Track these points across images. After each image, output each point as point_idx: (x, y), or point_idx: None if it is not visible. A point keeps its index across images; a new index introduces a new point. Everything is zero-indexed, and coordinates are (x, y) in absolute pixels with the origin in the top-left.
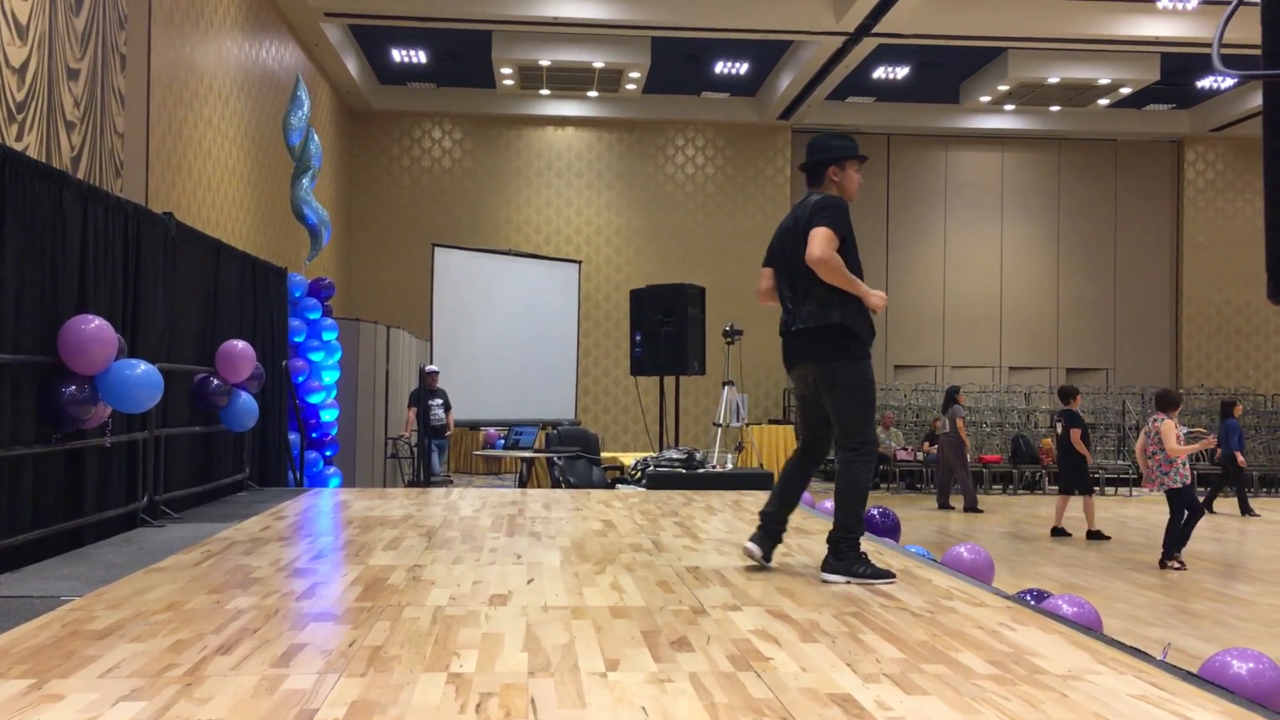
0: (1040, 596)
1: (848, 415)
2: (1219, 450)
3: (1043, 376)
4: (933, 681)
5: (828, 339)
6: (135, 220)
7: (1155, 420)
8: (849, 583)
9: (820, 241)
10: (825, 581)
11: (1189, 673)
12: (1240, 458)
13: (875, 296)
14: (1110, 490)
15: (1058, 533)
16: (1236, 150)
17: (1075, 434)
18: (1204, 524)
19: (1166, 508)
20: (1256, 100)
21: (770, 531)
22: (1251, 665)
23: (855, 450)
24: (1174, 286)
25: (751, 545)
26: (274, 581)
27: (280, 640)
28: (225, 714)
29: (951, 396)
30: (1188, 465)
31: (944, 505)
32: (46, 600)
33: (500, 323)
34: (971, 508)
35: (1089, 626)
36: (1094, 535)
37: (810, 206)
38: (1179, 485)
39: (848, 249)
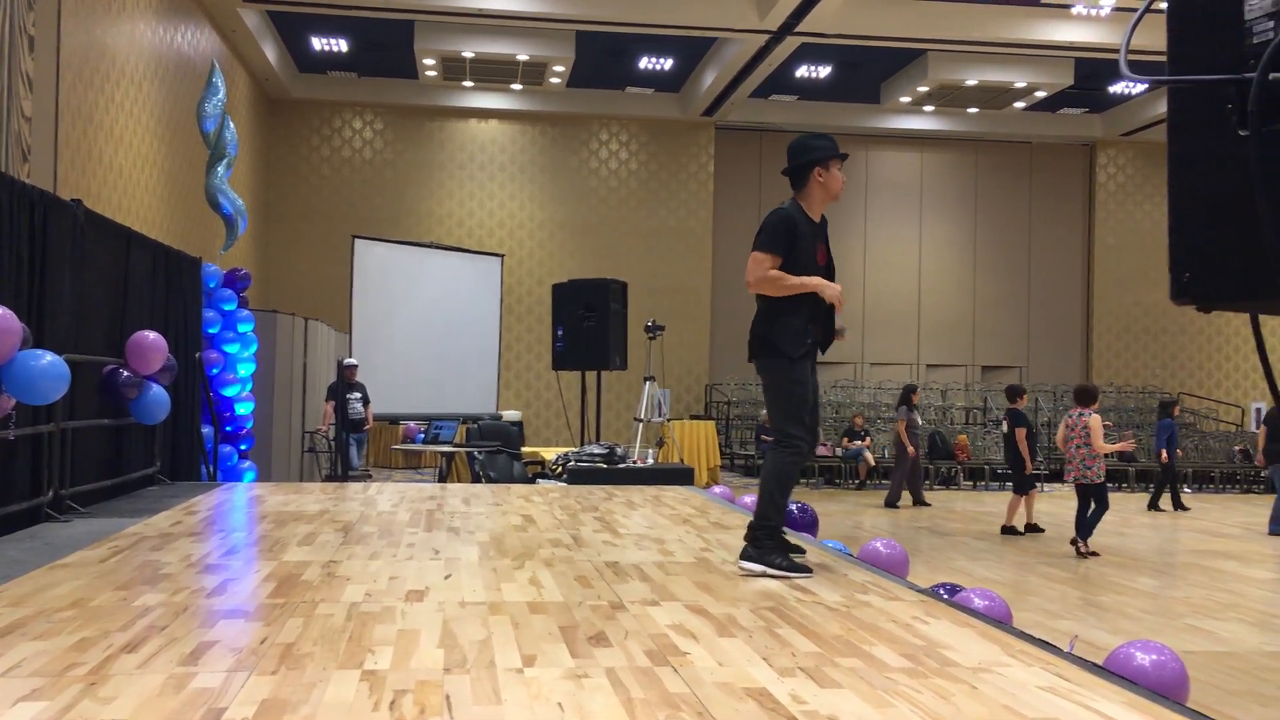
0: (953, 590)
1: (775, 409)
2: (1165, 451)
3: (959, 374)
4: (847, 675)
5: (754, 340)
6: (42, 207)
7: (1082, 415)
8: (765, 573)
9: (750, 268)
10: (742, 571)
11: (1095, 665)
12: (1165, 455)
13: (830, 290)
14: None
15: (1029, 529)
16: (1146, 154)
17: (1021, 433)
18: (1116, 518)
19: (1074, 501)
20: (1165, 106)
21: None
22: (1154, 657)
23: (779, 442)
24: (1085, 286)
25: None
26: (184, 578)
27: (189, 638)
28: (130, 714)
29: (904, 396)
30: (1102, 461)
31: (919, 502)
32: None
33: (421, 316)
34: (891, 504)
35: (999, 620)
36: (1031, 529)
37: (764, 220)
38: (1100, 480)
39: (793, 261)
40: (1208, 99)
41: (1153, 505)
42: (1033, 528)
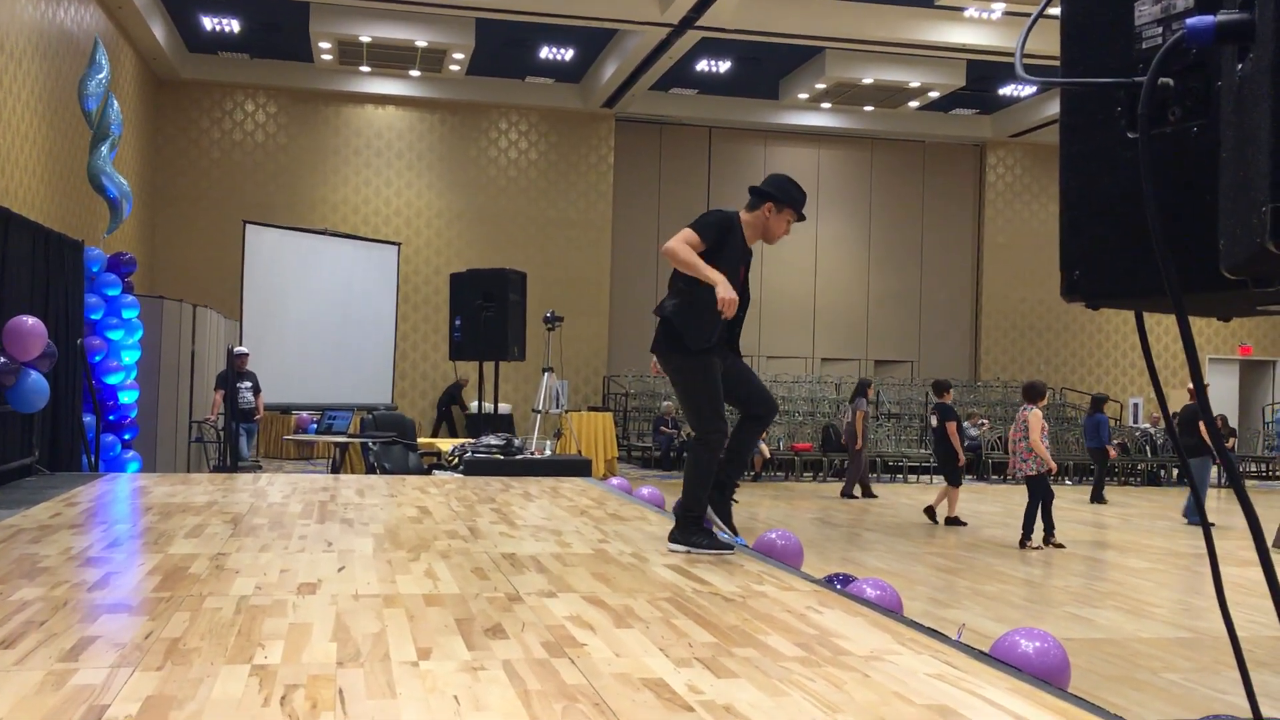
0: (846, 580)
1: (688, 406)
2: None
3: (852, 368)
4: (742, 664)
5: (661, 332)
6: None
7: (1024, 409)
8: (689, 552)
9: (676, 237)
10: (671, 550)
11: (981, 652)
12: (1112, 450)
13: (722, 288)
14: (913, 478)
15: (951, 521)
16: (1034, 155)
17: (951, 426)
18: (1002, 510)
19: (962, 493)
20: (1053, 108)
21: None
22: (1038, 644)
23: (698, 439)
24: (975, 284)
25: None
26: (64, 571)
27: (69, 633)
28: (6, 712)
29: (860, 389)
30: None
31: (849, 494)
32: None
33: (315, 304)
34: (847, 494)
35: (890, 609)
36: (953, 521)
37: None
38: (1035, 473)
39: (718, 260)
40: (1099, 101)
41: (1096, 498)
42: (954, 520)
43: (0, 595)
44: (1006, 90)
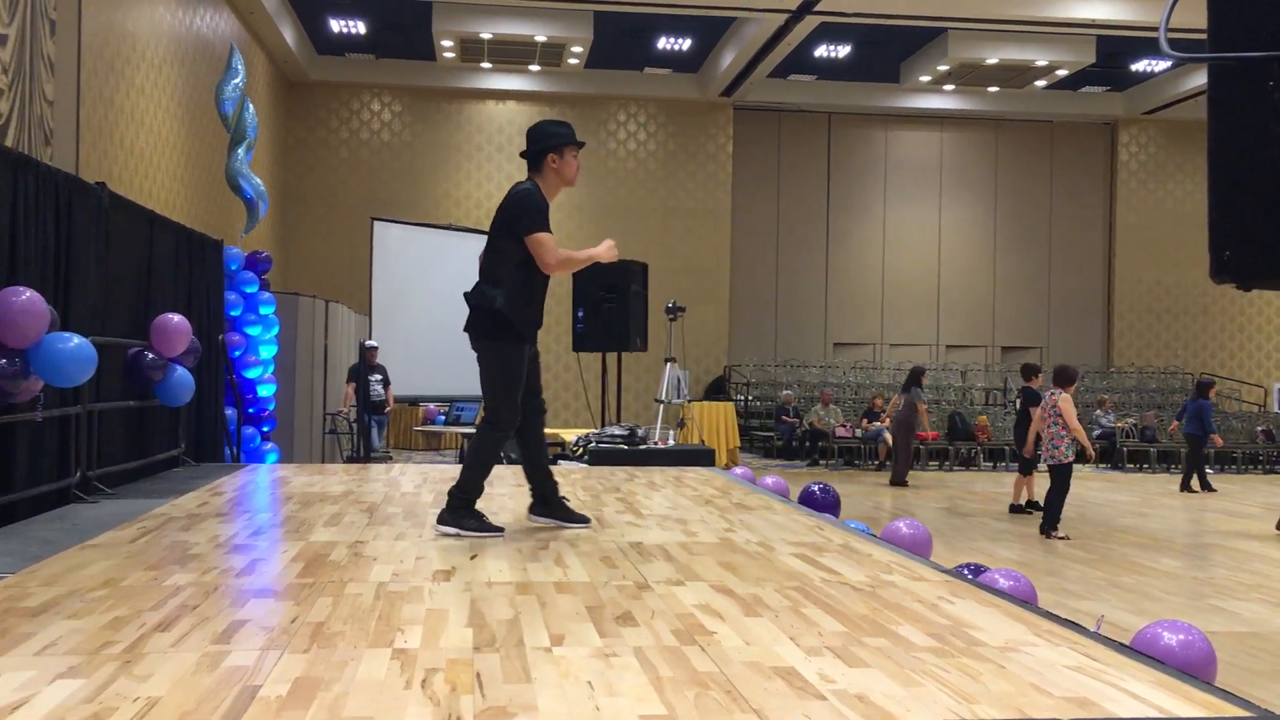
0: (977, 571)
1: (486, 392)
2: (1175, 425)
3: (979, 355)
4: (874, 654)
5: (484, 320)
6: (67, 190)
7: (1052, 394)
8: (459, 534)
9: (540, 252)
10: (438, 532)
11: (1122, 644)
12: (1218, 439)
13: (603, 247)
14: (1041, 468)
15: (1017, 509)
16: (1169, 133)
17: (1036, 411)
18: (1138, 499)
19: (1096, 482)
20: (1190, 83)
21: (541, 496)
22: (1182, 637)
23: (488, 423)
24: (1106, 266)
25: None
26: (213, 558)
27: (220, 617)
28: (166, 691)
29: (915, 377)
30: (1071, 444)
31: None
32: None
33: (440, 298)
34: (899, 481)
35: (1024, 600)
36: (1018, 509)
37: (511, 199)
38: (1067, 461)
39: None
40: (1248, 76)
41: (1184, 486)
42: (1035, 505)
43: (156, 580)
44: (1139, 66)
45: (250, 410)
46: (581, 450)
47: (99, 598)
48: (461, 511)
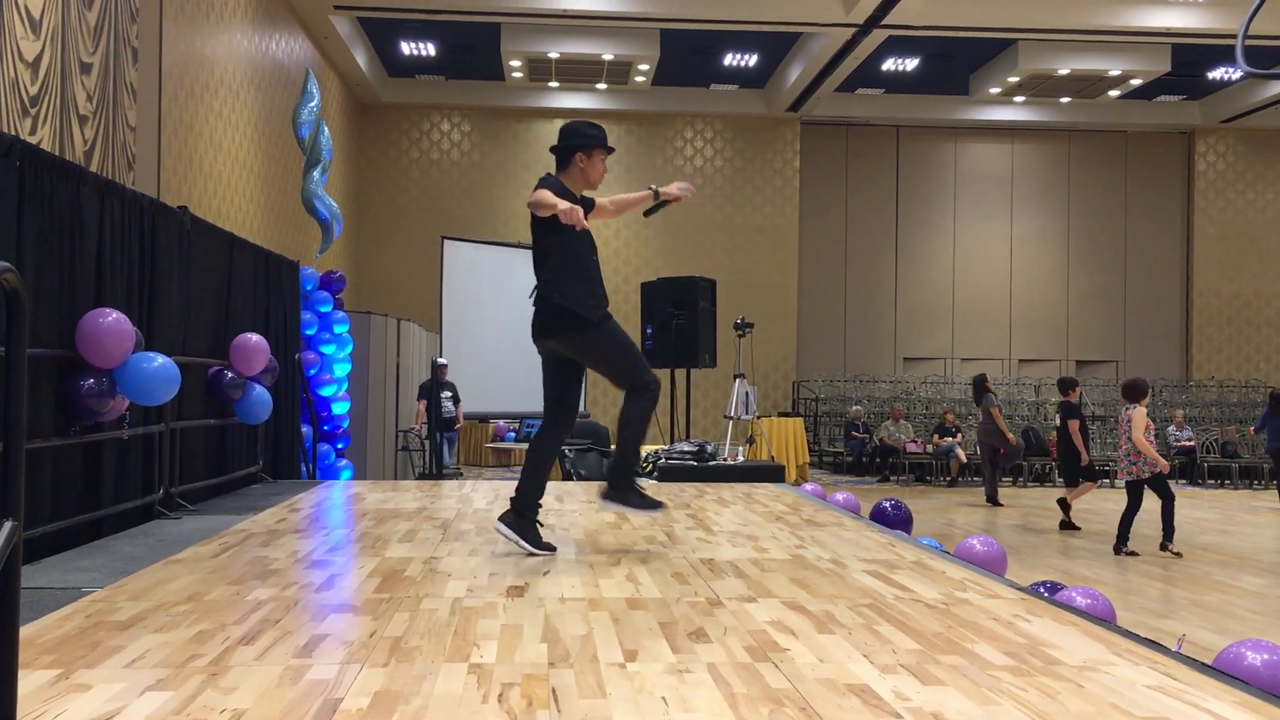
0: (1054, 589)
1: (616, 369)
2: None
3: (1052, 369)
4: (949, 672)
5: (554, 318)
6: (151, 214)
7: (1127, 409)
8: (625, 511)
9: (533, 196)
10: (603, 507)
11: (1204, 664)
12: None
13: (564, 205)
14: (1119, 483)
15: (1066, 525)
16: (1248, 141)
17: (1074, 425)
18: (1220, 515)
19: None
20: (1268, 91)
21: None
22: (1266, 657)
23: (640, 389)
24: (1184, 278)
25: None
26: (292, 573)
27: (301, 631)
28: (251, 703)
29: (981, 385)
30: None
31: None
32: (68, 591)
33: (509, 315)
34: (992, 499)
35: (1103, 618)
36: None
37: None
38: (1146, 475)
39: (562, 226)
40: None
41: None
42: (1070, 524)
43: (238, 595)
44: (1216, 74)
45: (325, 427)
46: (651, 466)
47: (184, 611)
48: (628, 487)
